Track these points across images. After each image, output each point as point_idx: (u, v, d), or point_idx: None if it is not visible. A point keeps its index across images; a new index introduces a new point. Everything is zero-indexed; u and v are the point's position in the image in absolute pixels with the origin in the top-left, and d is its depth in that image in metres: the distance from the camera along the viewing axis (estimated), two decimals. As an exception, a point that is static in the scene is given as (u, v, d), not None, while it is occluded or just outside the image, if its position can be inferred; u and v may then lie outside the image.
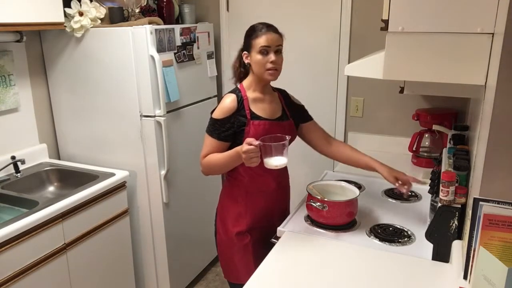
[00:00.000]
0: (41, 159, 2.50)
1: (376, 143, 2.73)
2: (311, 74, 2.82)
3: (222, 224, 1.86)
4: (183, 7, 2.80)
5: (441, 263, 1.44)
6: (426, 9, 1.32)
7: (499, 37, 1.11)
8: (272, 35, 1.67)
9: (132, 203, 2.52)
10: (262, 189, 1.82)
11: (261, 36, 1.66)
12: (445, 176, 1.38)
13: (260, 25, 1.70)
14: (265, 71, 1.68)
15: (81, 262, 2.09)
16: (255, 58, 1.68)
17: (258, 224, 1.83)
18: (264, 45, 1.65)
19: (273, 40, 1.66)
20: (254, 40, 1.67)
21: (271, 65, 1.66)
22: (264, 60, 1.66)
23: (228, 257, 1.85)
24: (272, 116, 1.77)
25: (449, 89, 1.61)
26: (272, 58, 1.66)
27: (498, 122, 1.08)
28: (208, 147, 1.72)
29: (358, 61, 1.74)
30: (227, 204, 1.85)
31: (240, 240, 1.80)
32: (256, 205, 1.82)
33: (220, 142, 1.71)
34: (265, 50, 1.66)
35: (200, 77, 2.75)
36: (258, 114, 1.73)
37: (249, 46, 1.70)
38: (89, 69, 2.40)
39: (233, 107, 1.70)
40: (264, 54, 1.66)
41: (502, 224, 1.07)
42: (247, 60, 1.73)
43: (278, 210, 1.91)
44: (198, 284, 2.94)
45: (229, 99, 1.72)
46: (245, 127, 1.70)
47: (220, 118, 1.69)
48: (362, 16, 2.60)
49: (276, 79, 1.72)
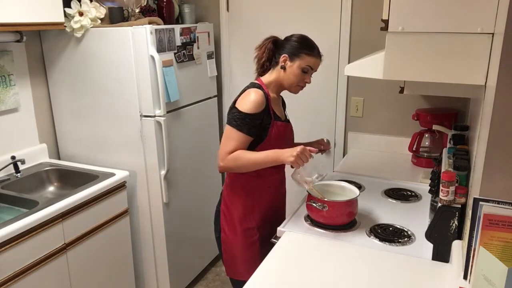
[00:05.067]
0: (41, 159, 2.50)
1: (376, 143, 2.73)
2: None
3: (227, 222, 1.86)
4: (183, 7, 2.80)
5: (441, 263, 1.44)
6: (426, 9, 1.32)
7: (499, 37, 1.11)
8: (319, 61, 1.78)
9: (132, 203, 2.52)
10: (268, 185, 1.85)
11: (314, 57, 1.75)
12: (445, 176, 1.38)
13: (315, 45, 1.77)
14: (297, 86, 1.78)
15: (81, 262, 2.09)
16: (295, 70, 1.74)
17: (266, 221, 1.87)
18: (311, 66, 1.75)
19: (318, 65, 1.78)
20: (307, 57, 1.73)
21: (304, 84, 1.78)
22: (302, 77, 1.76)
23: (233, 255, 1.87)
24: (282, 117, 1.84)
25: (449, 89, 1.61)
26: (308, 80, 1.77)
27: (498, 122, 1.08)
28: (235, 142, 1.67)
29: (358, 61, 1.74)
30: (233, 201, 1.85)
31: (248, 237, 1.83)
32: (263, 202, 1.85)
33: (248, 137, 1.69)
34: (308, 70, 1.75)
35: (200, 77, 2.75)
36: (277, 114, 1.79)
37: (296, 55, 1.74)
38: (89, 69, 2.40)
39: (264, 103, 1.72)
40: (305, 72, 1.75)
41: (502, 224, 1.07)
42: (284, 63, 1.75)
43: (284, 207, 1.98)
44: (198, 284, 2.94)
45: (258, 94, 1.71)
46: (269, 126, 1.74)
47: (252, 112, 1.68)
48: (362, 16, 2.60)
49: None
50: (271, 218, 1.89)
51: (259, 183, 1.82)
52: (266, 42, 1.80)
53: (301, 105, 2.76)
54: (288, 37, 1.78)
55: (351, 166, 1.94)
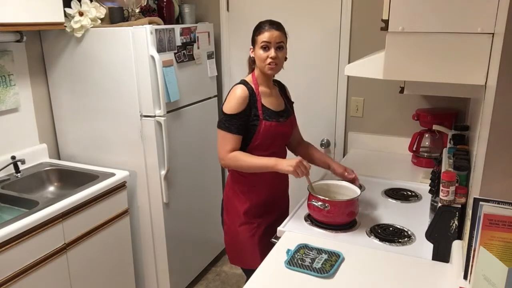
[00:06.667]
0: (41, 159, 2.50)
1: (376, 143, 2.73)
2: (311, 74, 2.82)
3: (228, 215, 1.94)
4: (183, 7, 2.80)
5: (441, 263, 1.44)
6: (426, 9, 1.32)
7: (499, 37, 1.11)
8: (274, 32, 1.76)
9: (132, 203, 2.52)
10: (267, 177, 1.87)
11: (263, 32, 1.76)
12: (445, 176, 1.38)
13: (265, 22, 1.79)
14: (265, 65, 1.78)
15: (81, 262, 2.09)
16: (257, 53, 1.79)
17: (268, 211, 1.91)
18: (265, 41, 1.75)
19: (274, 36, 1.76)
20: (258, 36, 1.78)
21: (270, 60, 1.76)
22: (265, 55, 1.77)
23: (235, 246, 1.94)
24: (278, 108, 1.86)
25: (449, 89, 1.61)
26: (272, 53, 1.76)
27: (498, 122, 1.08)
28: (230, 142, 1.76)
29: (358, 61, 1.74)
30: (233, 195, 1.91)
31: (248, 230, 1.88)
32: (262, 195, 1.89)
33: (239, 136, 1.77)
34: (266, 45, 1.76)
35: (200, 77, 2.75)
36: (267, 107, 1.81)
37: (253, 41, 1.81)
38: (89, 69, 2.40)
39: (246, 98, 1.76)
40: (265, 49, 1.76)
41: (502, 224, 1.07)
42: (252, 54, 1.83)
43: (281, 199, 2.02)
44: (198, 284, 2.94)
45: (240, 90, 1.78)
46: (257, 125, 1.78)
47: (236, 112, 1.75)
48: (362, 16, 2.60)
49: (275, 73, 1.84)
50: (274, 206, 1.94)
51: (259, 177, 1.85)
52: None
53: (301, 105, 2.76)
54: None
55: (351, 166, 1.94)
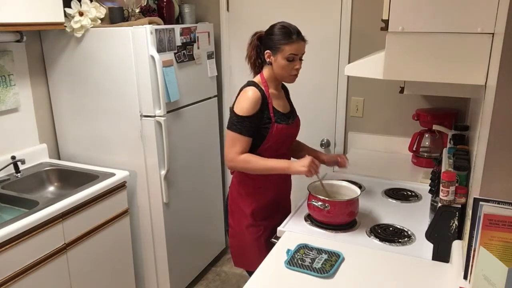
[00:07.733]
0: (41, 159, 2.50)
1: (376, 143, 2.73)
2: (311, 74, 2.81)
3: (233, 218, 1.92)
4: (183, 7, 2.80)
5: (441, 263, 1.44)
6: (426, 9, 1.32)
7: (499, 37, 1.11)
8: (302, 43, 1.73)
9: (132, 203, 2.52)
10: (273, 181, 1.87)
11: (292, 43, 1.69)
12: (445, 176, 1.38)
13: (292, 30, 1.71)
14: (289, 75, 1.74)
15: (81, 262, 2.09)
16: (280, 62, 1.72)
17: (272, 213, 1.90)
18: (294, 53, 1.70)
19: (302, 49, 1.73)
20: (286, 46, 1.69)
21: (296, 71, 1.74)
22: (290, 66, 1.72)
23: (241, 248, 1.92)
24: (285, 110, 1.84)
25: (449, 89, 1.61)
26: (297, 66, 1.73)
27: (498, 122, 1.08)
28: (240, 144, 1.72)
29: (358, 61, 1.74)
30: (239, 197, 1.89)
31: (253, 233, 1.87)
32: (268, 198, 1.88)
33: (250, 138, 1.73)
34: (293, 57, 1.71)
35: (200, 77, 2.75)
36: (278, 110, 1.79)
37: (275, 48, 1.72)
38: (89, 69, 2.40)
39: (259, 101, 1.71)
40: (290, 60, 1.71)
41: (502, 224, 1.07)
42: (269, 59, 1.75)
43: (285, 201, 2.01)
44: (198, 284, 2.94)
45: (253, 92, 1.72)
46: (269, 127, 1.75)
47: (249, 115, 1.70)
48: (362, 16, 2.60)
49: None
50: (278, 208, 1.94)
51: (264, 178, 1.84)
52: (253, 39, 1.81)
53: (301, 104, 2.75)
54: (268, 30, 1.77)
55: (351, 166, 1.94)
